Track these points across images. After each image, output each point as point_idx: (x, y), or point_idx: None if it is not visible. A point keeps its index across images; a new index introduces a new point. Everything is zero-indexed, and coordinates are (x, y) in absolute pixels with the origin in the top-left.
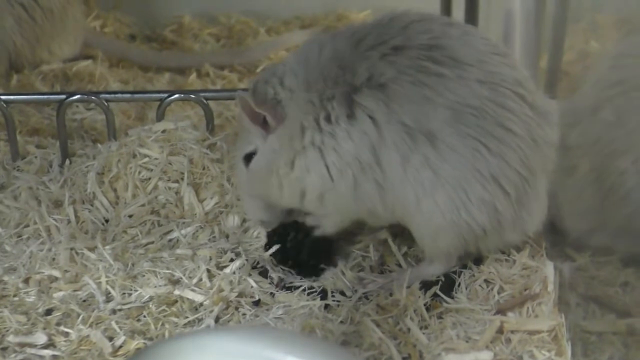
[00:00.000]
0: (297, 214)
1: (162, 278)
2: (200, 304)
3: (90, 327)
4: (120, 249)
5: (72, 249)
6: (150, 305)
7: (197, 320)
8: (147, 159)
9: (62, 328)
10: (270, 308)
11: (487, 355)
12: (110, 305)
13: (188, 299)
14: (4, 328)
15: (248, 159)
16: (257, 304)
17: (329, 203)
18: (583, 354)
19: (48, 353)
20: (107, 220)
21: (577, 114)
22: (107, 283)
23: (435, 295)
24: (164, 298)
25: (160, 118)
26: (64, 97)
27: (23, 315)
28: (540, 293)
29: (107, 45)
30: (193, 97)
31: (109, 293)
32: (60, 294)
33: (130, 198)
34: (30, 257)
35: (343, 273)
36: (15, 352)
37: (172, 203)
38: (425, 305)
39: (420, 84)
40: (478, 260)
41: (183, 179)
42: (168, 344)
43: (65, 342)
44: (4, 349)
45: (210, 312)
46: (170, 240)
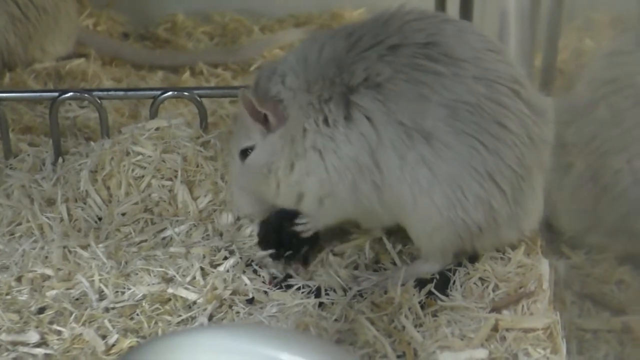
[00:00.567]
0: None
1: (155, 276)
2: (194, 302)
3: (83, 325)
4: (114, 247)
5: (64, 247)
6: (144, 304)
7: (190, 319)
8: (140, 157)
9: (54, 326)
10: (264, 306)
11: (482, 353)
12: (103, 304)
13: (181, 297)
14: None
15: (245, 154)
16: (251, 302)
17: (327, 205)
18: (578, 352)
19: (41, 351)
20: (100, 219)
21: (572, 112)
22: (100, 281)
23: (430, 293)
24: (157, 296)
25: (154, 116)
26: (57, 94)
27: (15, 314)
28: (536, 291)
29: (100, 44)
30: (186, 94)
31: (102, 291)
32: (53, 292)
33: (124, 196)
34: (23, 255)
35: (337, 271)
36: (8, 350)
37: (165, 201)
38: (420, 303)
39: (416, 82)
40: (473, 258)
41: (177, 177)
42: (161, 342)
43: (58, 340)
44: None
45: (204, 310)
46: (164, 239)
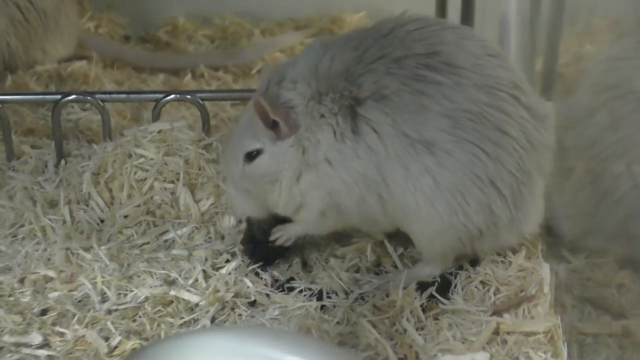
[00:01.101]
0: None
1: (157, 278)
2: (196, 305)
3: (86, 327)
4: (116, 249)
5: (67, 249)
6: (146, 306)
7: (193, 321)
8: (142, 160)
9: (57, 328)
10: (267, 309)
11: (483, 357)
12: (106, 306)
13: (184, 300)
14: None
15: (250, 157)
16: (253, 305)
17: (328, 216)
18: (579, 356)
19: (43, 353)
20: (102, 221)
21: (572, 117)
22: (102, 283)
23: (432, 297)
24: (160, 298)
25: (156, 118)
26: (60, 97)
27: (18, 315)
28: (536, 294)
29: (101, 46)
30: (189, 97)
31: (105, 293)
32: (56, 294)
33: (126, 198)
34: (26, 257)
35: (339, 274)
36: (11, 352)
37: (167, 203)
38: (422, 306)
39: (419, 94)
40: (474, 262)
41: (179, 180)
42: (164, 344)
43: (61, 342)
44: (0, 349)
45: (206, 312)
46: (166, 241)
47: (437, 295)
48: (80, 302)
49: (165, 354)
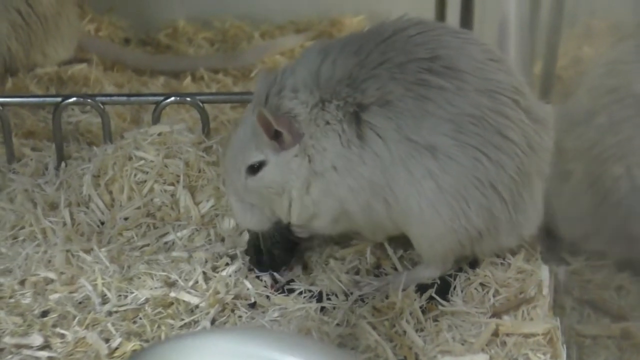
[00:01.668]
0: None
1: (158, 280)
2: (196, 306)
3: (86, 328)
4: (116, 251)
5: (67, 251)
6: (146, 307)
7: (193, 323)
8: (142, 162)
9: (58, 330)
10: (267, 310)
11: (482, 358)
12: (106, 307)
13: (184, 301)
14: (0, 329)
15: (253, 169)
16: (253, 307)
17: (341, 222)
18: (578, 357)
19: (44, 354)
20: (102, 223)
21: (572, 120)
22: (103, 285)
23: (431, 298)
24: (160, 300)
25: (156, 121)
26: (60, 99)
27: (19, 317)
28: (536, 296)
29: (101, 49)
30: (189, 100)
31: (105, 295)
32: (56, 296)
33: (126, 200)
34: (26, 259)
35: (339, 276)
36: (12, 353)
37: (167, 206)
38: (421, 308)
39: (422, 98)
40: (474, 264)
41: (179, 182)
42: (164, 345)
43: (62, 343)
44: (0, 350)
45: (206, 314)
46: (166, 243)
47: (436, 297)
48: (81, 303)
49: (166, 356)
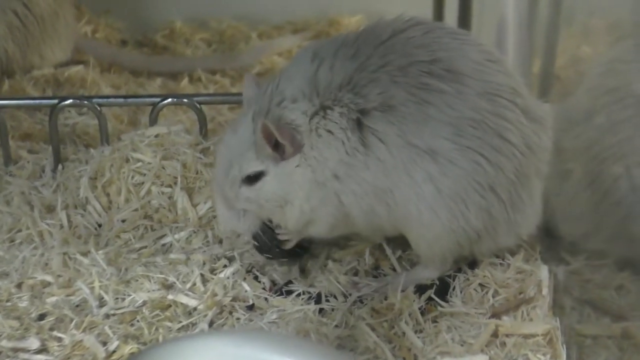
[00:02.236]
0: None
1: (155, 283)
2: (194, 309)
3: (84, 332)
4: (114, 254)
5: (65, 254)
6: (144, 310)
7: (191, 325)
8: (140, 164)
9: (55, 333)
10: (265, 312)
11: (482, 359)
12: (104, 310)
13: (182, 304)
14: None
15: (252, 179)
16: (251, 309)
17: (337, 228)
18: (578, 358)
19: (41, 358)
20: (100, 225)
21: (571, 119)
22: (100, 288)
23: (430, 299)
24: (158, 302)
25: (153, 122)
26: (57, 101)
27: (16, 320)
28: (535, 296)
29: (98, 51)
30: (186, 101)
31: (102, 298)
32: (53, 299)
33: (123, 203)
34: (23, 262)
35: (337, 277)
36: (9, 357)
37: (165, 207)
38: (420, 309)
39: (423, 102)
40: (473, 264)
41: (176, 184)
42: (162, 348)
43: (59, 347)
44: None
45: (204, 316)
46: (164, 245)
47: (435, 298)
48: (78, 306)
49: (163, 358)
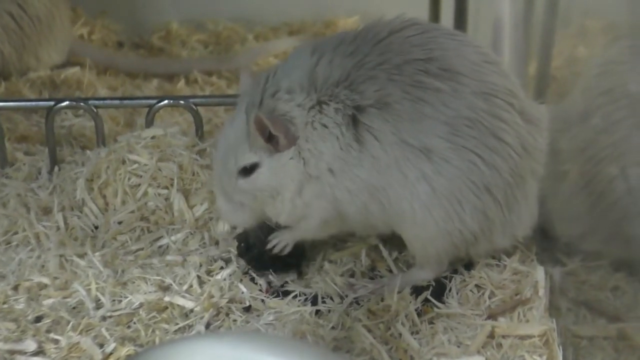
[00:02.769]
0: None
1: (152, 284)
2: (191, 310)
3: (80, 334)
4: (110, 256)
5: (61, 256)
6: (141, 312)
7: (187, 327)
8: (136, 165)
9: (52, 335)
10: (261, 314)
11: None
12: (100, 312)
13: (178, 305)
14: None
15: (247, 171)
16: (247, 310)
17: (331, 224)
18: (574, 359)
19: None
20: (96, 227)
21: (566, 120)
22: (96, 290)
23: (426, 301)
24: (154, 304)
25: (150, 124)
26: (53, 103)
27: (12, 323)
28: (531, 298)
29: (93, 54)
30: (182, 103)
31: (99, 300)
32: (50, 301)
33: (120, 204)
34: (20, 264)
35: (334, 279)
36: (6, 359)
37: (161, 209)
38: (417, 311)
39: (419, 101)
40: (469, 266)
41: (173, 185)
42: (159, 350)
43: (55, 349)
44: None
45: (201, 318)
46: (160, 247)
47: (432, 299)
48: (75, 308)
49: None
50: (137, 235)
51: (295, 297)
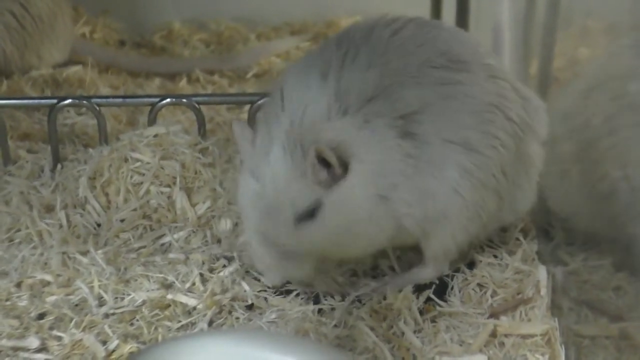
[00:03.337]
0: None
1: (154, 282)
2: (194, 308)
3: (83, 331)
4: (113, 253)
5: (64, 254)
6: (143, 309)
7: (190, 324)
8: (139, 164)
9: (54, 332)
10: (264, 312)
11: (480, 359)
12: (103, 310)
13: (181, 303)
14: None
15: (309, 214)
16: (250, 308)
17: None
18: (576, 358)
19: (41, 357)
20: (99, 225)
21: (567, 120)
22: (99, 287)
23: (429, 299)
24: (157, 302)
25: (152, 122)
26: (56, 101)
27: (16, 320)
28: (533, 297)
29: (95, 53)
30: (185, 101)
31: (102, 297)
32: (53, 298)
33: (122, 202)
34: (22, 261)
35: (336, 277)
36: (9, 356)
37: (164, 207)
38: (419, 309)
39: (447, 97)
40: (471, 265)
41: (175, 184)
42: (161, 347)
43: (58, 346)
44: None
45: (204, 316)
46: (163, 245)
47: (434, 298)
48: (78, 306)
49: (163, 358)
50: (139, 233)
51: (298, 295)
